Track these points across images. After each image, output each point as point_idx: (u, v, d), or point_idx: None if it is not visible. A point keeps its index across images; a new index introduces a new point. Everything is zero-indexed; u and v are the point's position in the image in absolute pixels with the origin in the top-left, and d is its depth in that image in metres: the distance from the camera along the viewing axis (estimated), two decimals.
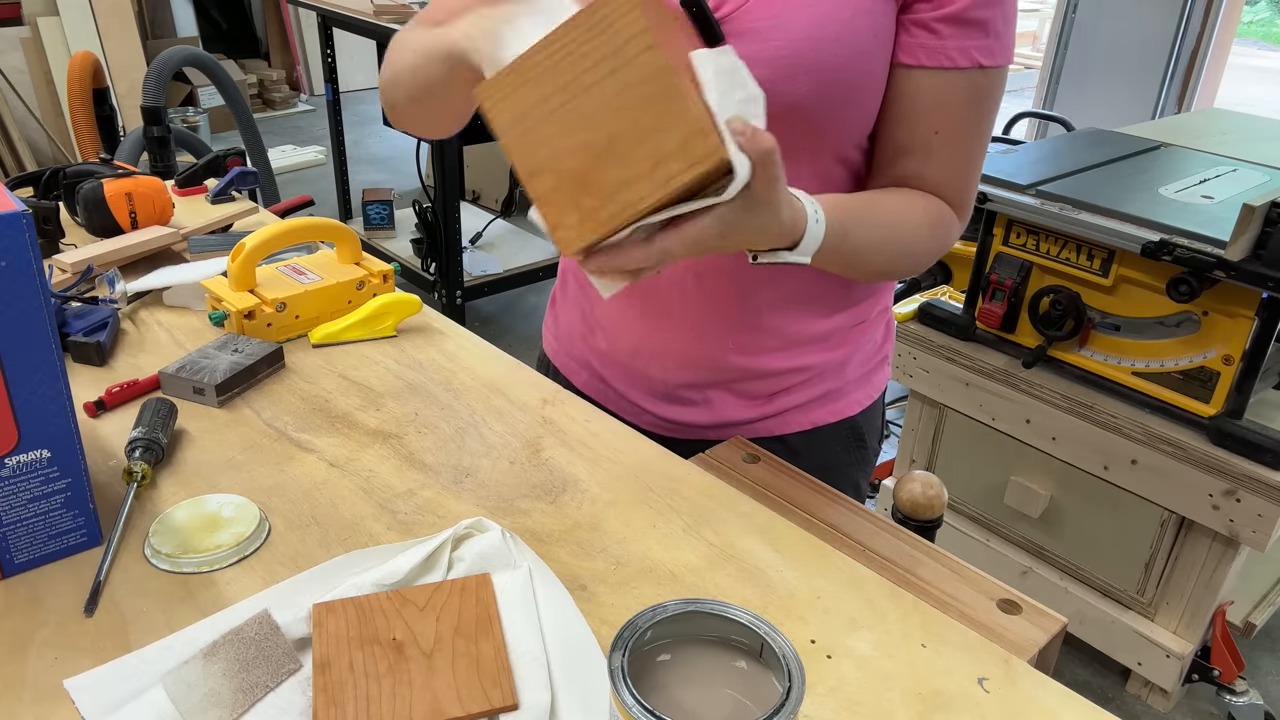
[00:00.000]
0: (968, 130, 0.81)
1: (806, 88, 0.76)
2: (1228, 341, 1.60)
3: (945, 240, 0.84)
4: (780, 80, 0.75)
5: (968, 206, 0.86)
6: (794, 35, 0.75)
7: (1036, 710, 0.62)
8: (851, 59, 0.76)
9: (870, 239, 0.78)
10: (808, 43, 0.75)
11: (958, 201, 0.84)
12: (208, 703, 0.58)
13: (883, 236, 0.80)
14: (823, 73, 0.75)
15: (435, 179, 3.19)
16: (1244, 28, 10.07)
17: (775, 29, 0.75)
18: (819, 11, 0.75)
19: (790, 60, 0.75)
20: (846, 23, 0.75)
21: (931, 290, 2.17)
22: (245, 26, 6.27)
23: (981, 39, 0.77)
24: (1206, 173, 1.95)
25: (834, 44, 0.75)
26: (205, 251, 1.21)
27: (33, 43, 4.40)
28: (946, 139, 0.81)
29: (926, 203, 0.83)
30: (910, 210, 0.82)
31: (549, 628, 0.66)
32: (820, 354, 0.94)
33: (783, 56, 0.75)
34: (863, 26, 0.76)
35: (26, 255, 0.62)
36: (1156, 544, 1.78)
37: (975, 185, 0.85)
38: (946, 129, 0.80)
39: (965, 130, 0.81)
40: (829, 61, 0.75)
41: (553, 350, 1.07)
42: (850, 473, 1.02)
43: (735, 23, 0.76)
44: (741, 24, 0.76)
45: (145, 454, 0.79)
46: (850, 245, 0.76)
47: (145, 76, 2.51)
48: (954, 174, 0.83)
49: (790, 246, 0.71)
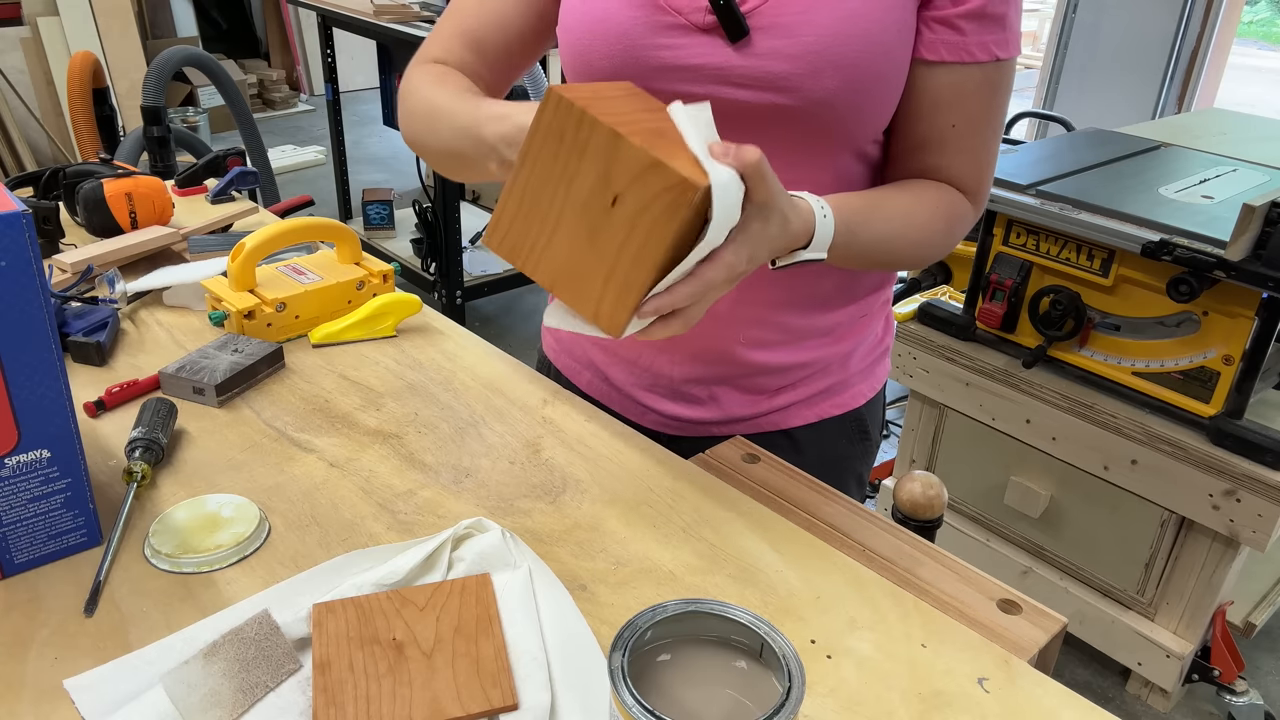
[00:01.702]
0: (985, 121, 0.82)
1: (834, 84, 0.76)
2: (1228, 341, 1.60)
3: (960, 229, 0.86)
4: (806, 76, 0.76)
5: (984, 195, 0.87)
6: (821, 31, 0.75)
7: (1036, 710, 0.62)
8: (877, 55, 0.76)
9: (882, 232, 0.80)
10: (835, 39, 0.75)
11: (974, 190, 0.85)
12: (208, 703, 0.58)
13: (894, 229, 0.81)
14: (849, 69, 0.76)
15: (435, 179, 3.19)
16: (1244, 28, 10.07)
17: (803, 24, 0.75)
18: (847, 8, 0.75)
19: (817, 55, 0.75)
20: (873, 19, 0.75)
21: (931, 290, 2.17)
22: (245, 26, 6.27)
23: (1000, 33, 0.79)
24: (1206, 173, 1.95)
25: (861, 40, 0.75)
26: (205, 251, 1.21)
27: (33, 43, 4.40)
28: (964, 131, 0.82)
29: (939, 193, 0.84)
30: (922, 201, 0.83)
31: (549, 628, 0.66)
32: (825, 348, 0.95)
33: (810, 52, 0.75)
34: (888, 23, 0.76)
35: (26, 255, 0.62)
36: (1156, 544, 1.78)
37: (991, 174, 0.87)
38: (964, 121, 0.81)
39: (983, 121, 0.82)
40: (855, 58, 0.76)
41: (553, 352, 1.07)
42: (854, 465, 1.02)
43: (761, 17, 0.76)
44: (768, 18, 0.76)
45: (145, 454, 0.79)
46: (863, 239, 0.78)
47: (145, 76, 2.51)
48: (971, 164, 0.84)
49: (804, 246, 0.72)
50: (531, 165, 0.64)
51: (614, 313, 0.64)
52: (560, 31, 0.86)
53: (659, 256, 0.62)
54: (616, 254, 0.63)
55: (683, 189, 0.59)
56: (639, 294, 0.63)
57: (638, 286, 0.63)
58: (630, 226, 0.62)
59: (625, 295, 0.63)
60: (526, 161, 0.64)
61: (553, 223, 0.65)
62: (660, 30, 0.79)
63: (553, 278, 0.66)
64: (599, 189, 0.62)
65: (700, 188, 0.59)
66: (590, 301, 0.65)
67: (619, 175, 0.61)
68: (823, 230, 0.73)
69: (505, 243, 0.67)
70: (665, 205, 0.60)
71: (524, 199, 0.65)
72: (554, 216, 0.64)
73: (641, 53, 0.80)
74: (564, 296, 0.66)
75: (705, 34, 0.78)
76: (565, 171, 0.63)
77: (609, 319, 0.64)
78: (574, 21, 0.84)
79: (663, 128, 0.64)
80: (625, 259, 0.62)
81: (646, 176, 0.60)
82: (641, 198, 0.61)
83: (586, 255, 0.64)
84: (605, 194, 0.62)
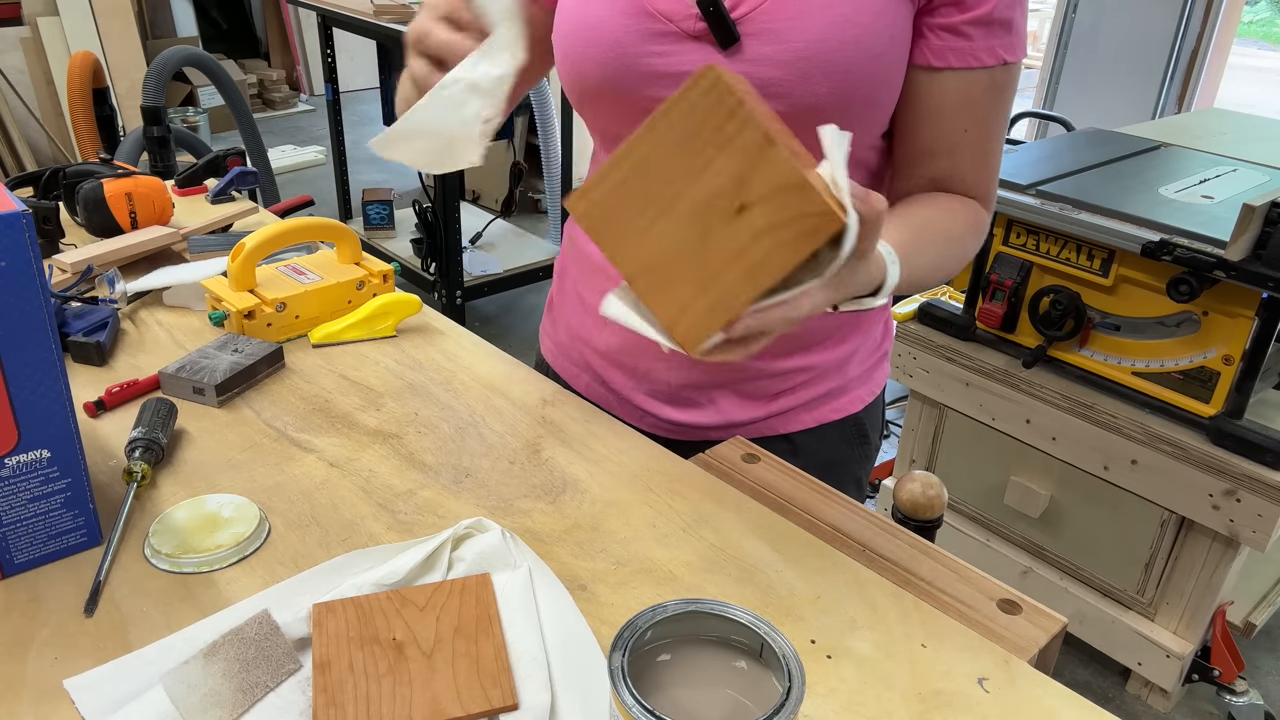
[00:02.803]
0: (991, 125, 0.82)
1: (824, 89, 0.76)
2: (1228, 341, 1.60)
3: (981, 237, 0.86)
4: (797, 81, 0.75)
5: (993, 199, 0.87)
6: (811, 36, 0.75)
7: (1036, 710, 0.62)
8: (868, 60, 0.76)
9: (930, 260, 0.79)
10: (825, 44, 0.75)
11: (984, 195, 0.85)
12: (208, 703, 0.58)
13: (938, 253, 0.80)
14: (840, 74, 0.76)
15: (435, 179, 3.19)
16: (1244, 28, 10.07)
17: (793, 30, 0.75)
18: (837, 13, 0.75)
19: (808, 61, 0.75)
20: (864, 25, 0.75)
21: (931, 290, 2.17)
22: (245, 26, 6.27)
23: (1006, 37, 0.78)
24: (1206, 173, 1.95)
25: (852, 46, 0.75)
26: (205, 251, 1.21)
27: (33, 43, 4.40)
28: (973, 136, 0.81)
29: (962, 206, 0.83)
30: (952, 219, 0.82)
31: (549, 628, 0.66)
32: (823, 352, 0.95)
33: (801, 58, 0.75)
34: (880, 28, 0.76)
35: (26, 255, 0.62)
36: (1156, 544, 1.78)
37: (997, 177, 0.86)
38: (974, 126, 0.81)
39: (989, 125, 0.82)
40: (846, 63, 0.75)
41: (551, 355, 1.07)
42: (853, 469, 1.02)
43: (752, 23, 0.76)
44: (759, 24, 0.76)
45: (145, 454, 0.79)
46: (913, 275, 0.76)
47: (145, 76, 2.51)
48: (981, 169, 0.84)
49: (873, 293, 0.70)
50: (659, 140, 0.58)
51: (700, 324, 0.59)
52: (554, 39, 0.86)
53: (772, 280, 0.57)
54: (725, 265, 0.57)
55: (825, 220, 0.55)
56: (735, 313, 0.58)
57: (736, 305, 0.58)
58: (752, 240, 0.56)
59: (719, 310, 0.58)
60: (654, 133, 0.58)
61: (661, 210, 0.58)
62: (651, 38, 0.79)
63: (638, 269, 0.59)
64: (729, 191, 0.57)
65: (842, 224, 0.55)
66: (675, 306, 0.59)
67: (758, 184, 0.56)
68: (891, 278, 0.70)
69: (592, 213, 0.60)
70: (800, 231, 0.56)
71: (635, 172, 0.58)
72: (664, 203, 0.58)
73: (633, 60, 0.80)
74: (645, 293, 0.60)
75: (696, 41, 0.78)
76: (697, 160, 0.57)
77: (689, 330, 0.59)
78: (567, 29, 0.84)
79: (798, 149, 0.59)
80: (733, 273, 0.57)
81: (789, 195, 0.55)
82: (775, 215, 0.56)
83: (689, 256, 0.58)
84: (735, 198, 0.56)
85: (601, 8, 0.81)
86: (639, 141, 0.58)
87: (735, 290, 0.58)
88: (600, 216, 0.60)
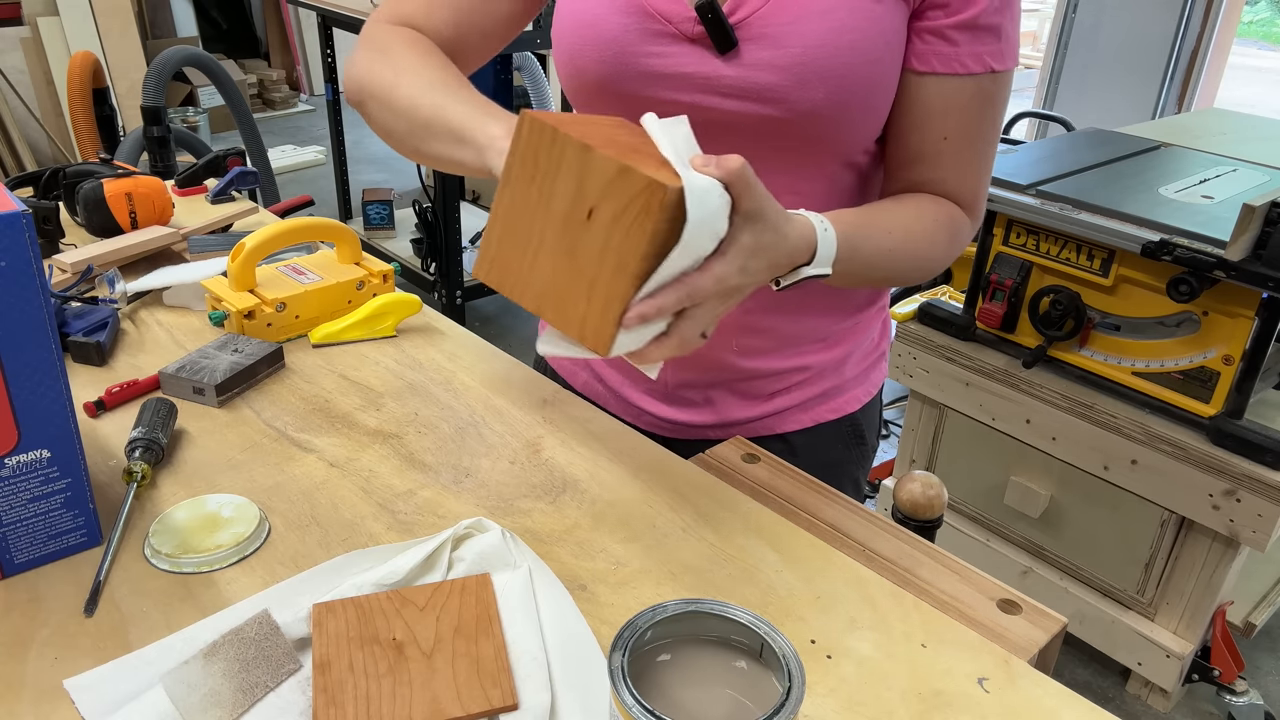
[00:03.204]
0: (978, 133, 0.81)
1: (821, 94, 0.76)
2: (1228, 341, 1.60)
3: (959, 243, 0.85)
4: (794, 87, 0.75)
5: (980, 208, 0.86)
6: (809, 42, 0.75)
7: (1036, 710, 0.62)
8: (865, 65, 0.76)
9: (884, 245, 0.78)
10: (822, 50, 0.75)
11: (970, 203, 0.85)
12: (208, 703, 0.58)
13: (895, 242, 0.79)
14: (837, 80, 0.75)
15: (435, 179, 3.19)
16: (1244, 28, 10.07)
17: (791, 35, 0.75)
18: (835, 19, 0.75)
19: (804, 67, 0.75)
20: (861, 30, 0.75)
21: (931, 290, 2.18)
22: (245, 26, 6.27)
23: (994, 44, 0.78)
24: (1206, 173, 1.95)
25: (849, 51, 0.75)
26: (205, 251, 1.21)
27: (33, 43, 4.40)
28: (956, 143, 0.81)
29: (937, 207, 0.83)
30: (921, 214, 0.82)
31: (549, 628, 0.66)
32: (820, 353, 0.95)
33: (798, 64, 0.75)
34: (876, 34, 0.76)
35: (26, 255, 0.62)
36: (1156, 544, 1.78)
37: (986, 187, 0.86)
38: (956, 133, 0.80)
39: (975, 134, 0.81)
40: (843, 69, 0.75)
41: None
42: (850, 469, 1.02)
43: (750, 28, 0.76)
44: (756, 29, 0.76)
45: (145, 454, 0.79)
46: (865, 253, 0.76)
47: (145, 76, 2.52)
48: (966, 177, 0.83)
49: (807, 261, 0.71)
50: (511, 190, 0.64)
51: (599, 327, 0.62)
52: (554, 35, 0.86)
53: (636, 264, 0.60)
54: (596, 267, 0.61)
55: (652, 191, 0.58)
56: (620, 305, 0.61)
57: (619, 298, 0.61)
58: (606, 237, 0.60)
59: (608, 308, 0.62)
60: (506, 187, 0.64)
61: (535, 245, 0.64)
62: (649, 38, 0.79)
63: (539, 301, 0.65)
64: (575, 204, 0.61)
65: (670, 188, 0.58)
66: (575, 320, 0.63)
67: (592, 187, 0.60)
68: (825, 245, 0.71)
69: (493, 272, 0.66)
70: (637, 210, 0.59)
71: (506, 225, 0.65)
72: (535, 239, 0.63)
73: (631, 60, 0.80)
74: (551, 318, 0.64)
75: (693, 44, 0.78)
76: (543, 192, 0.62)
77: (595, 335, 0.63)
78: (566, 26, 0.84)
79: (641, 147, 0.63)
80: (605, 271, 0.61)
81: (617, 184, 0.59)
82: (615, 206, 0.60)
83: (568, 274, 0.63)
84: (581, 208, 0.61)
85: (599, 4, 0.81)
86: (500, 198, 0.65)
87: (612, 285, 0.61)
88: (499, 271, 0.66)
